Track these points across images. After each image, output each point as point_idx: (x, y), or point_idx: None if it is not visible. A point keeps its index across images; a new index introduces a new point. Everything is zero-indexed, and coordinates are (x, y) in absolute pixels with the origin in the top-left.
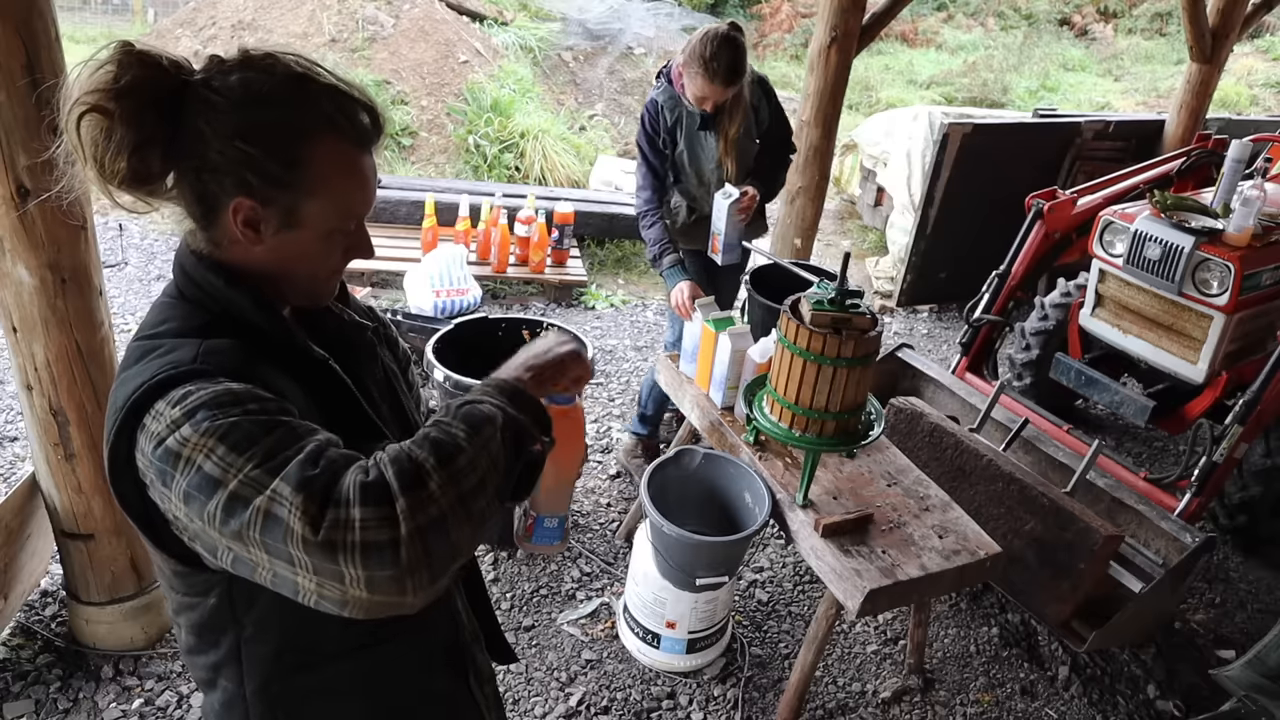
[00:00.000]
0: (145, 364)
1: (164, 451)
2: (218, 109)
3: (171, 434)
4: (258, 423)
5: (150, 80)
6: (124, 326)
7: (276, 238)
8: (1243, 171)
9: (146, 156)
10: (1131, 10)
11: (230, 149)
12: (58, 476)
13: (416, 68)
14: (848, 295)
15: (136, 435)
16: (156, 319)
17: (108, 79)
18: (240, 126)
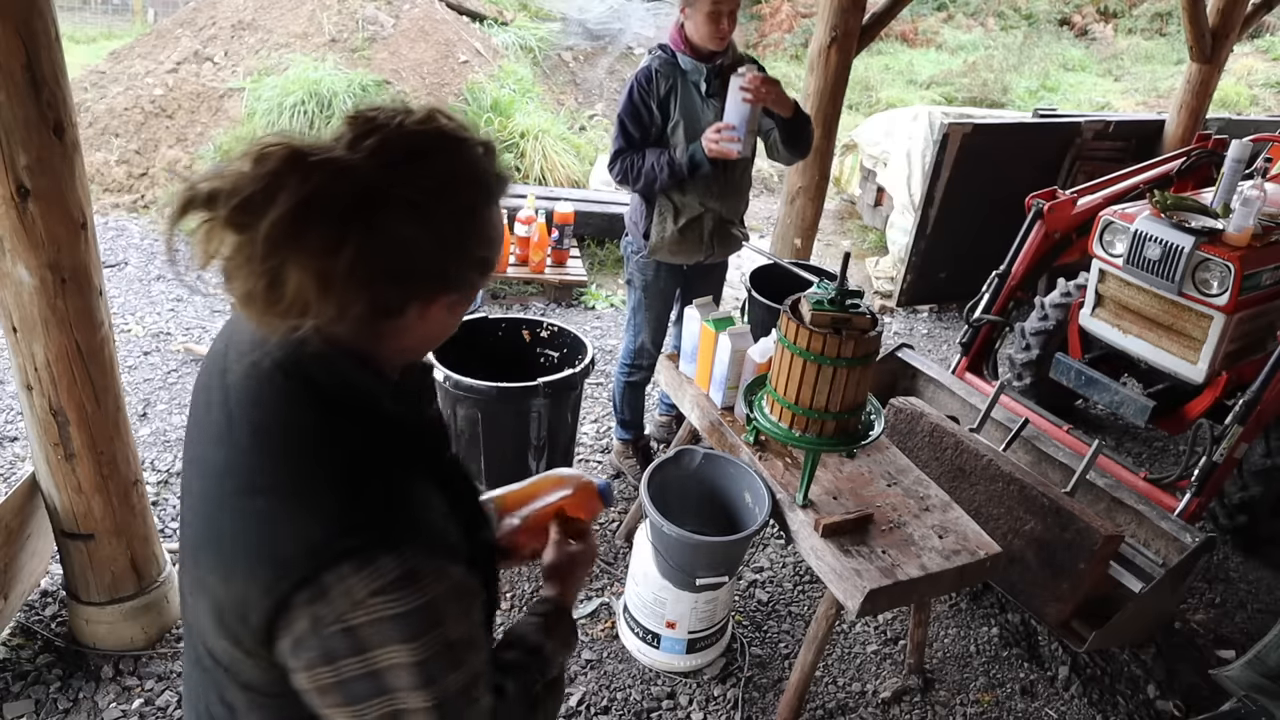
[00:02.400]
0: (321, 497)
1: (340, 636)
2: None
3: (362, 629)
4: (457, 667)
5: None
6: (124, 326)
7: (440, 315)
8: (1243, 171)
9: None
10: (1131, 10)
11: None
12: (58, 476)
13: (416, 68)
14: (848, 295)
15: (309, 591)
16: (288, 421)
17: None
18: (441, 224)
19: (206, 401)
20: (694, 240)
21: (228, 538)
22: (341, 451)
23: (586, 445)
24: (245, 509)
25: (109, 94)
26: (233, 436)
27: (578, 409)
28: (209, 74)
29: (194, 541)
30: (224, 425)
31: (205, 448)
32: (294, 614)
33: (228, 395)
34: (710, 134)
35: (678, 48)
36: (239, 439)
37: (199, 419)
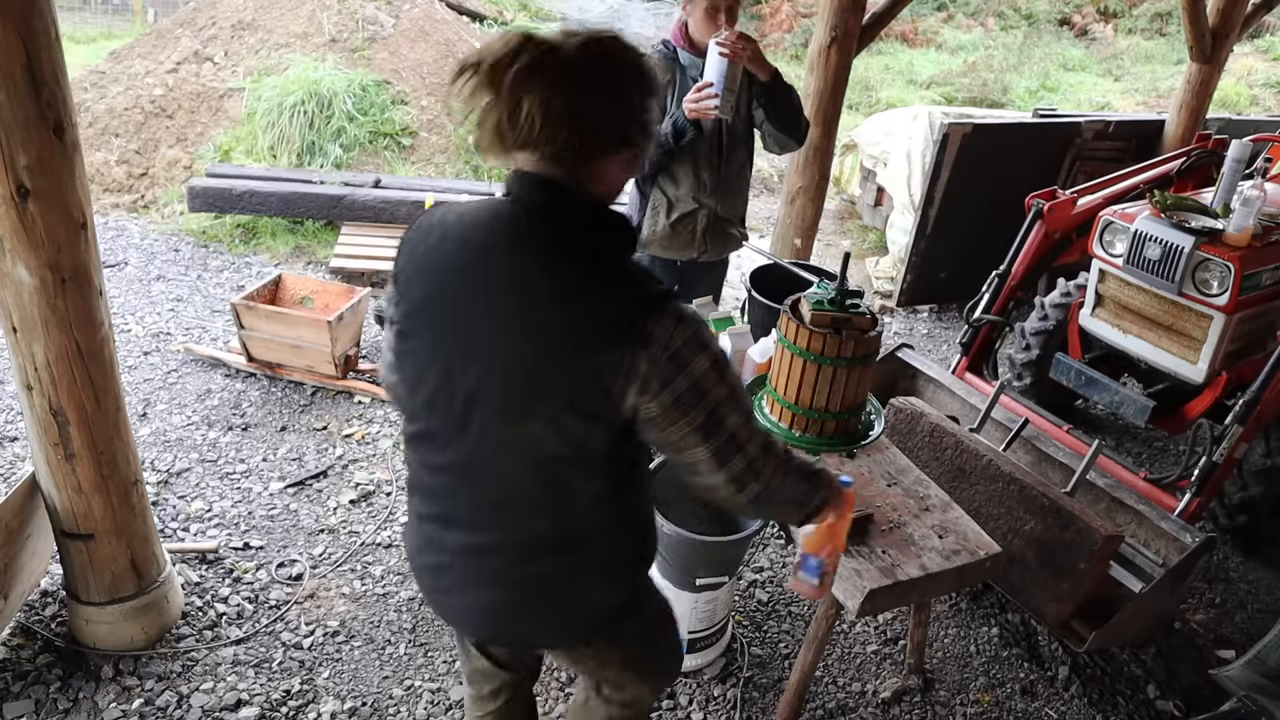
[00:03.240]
0: (622, 283)
1: (668, 362)
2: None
3: (683, 349)
4: (729, 367)
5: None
6: (124, 326)
7: (619, 168)
8: (1243, 171)
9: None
10: (1131, 10)
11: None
12: (58, 476)
13: (416, 68)
14: (848, 295)
15: (643, 339)
16: (566, 247)
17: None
18: (619, 97)
19: (462, 270)
20: (686, 236)
21: (575, 333)
22: (611, 254)
23: None
24: (575, 309)
25: (109, 94)
26: (523, 278)
27: None
28: (209, 74)
29: (514, 375)
30: (499, 274)
31: (482, 304)
32: (640, 360)
33: (491, 256)
34: (690, 95)
35: (679, 43)
36: (524, 276)
37: (458, 286)
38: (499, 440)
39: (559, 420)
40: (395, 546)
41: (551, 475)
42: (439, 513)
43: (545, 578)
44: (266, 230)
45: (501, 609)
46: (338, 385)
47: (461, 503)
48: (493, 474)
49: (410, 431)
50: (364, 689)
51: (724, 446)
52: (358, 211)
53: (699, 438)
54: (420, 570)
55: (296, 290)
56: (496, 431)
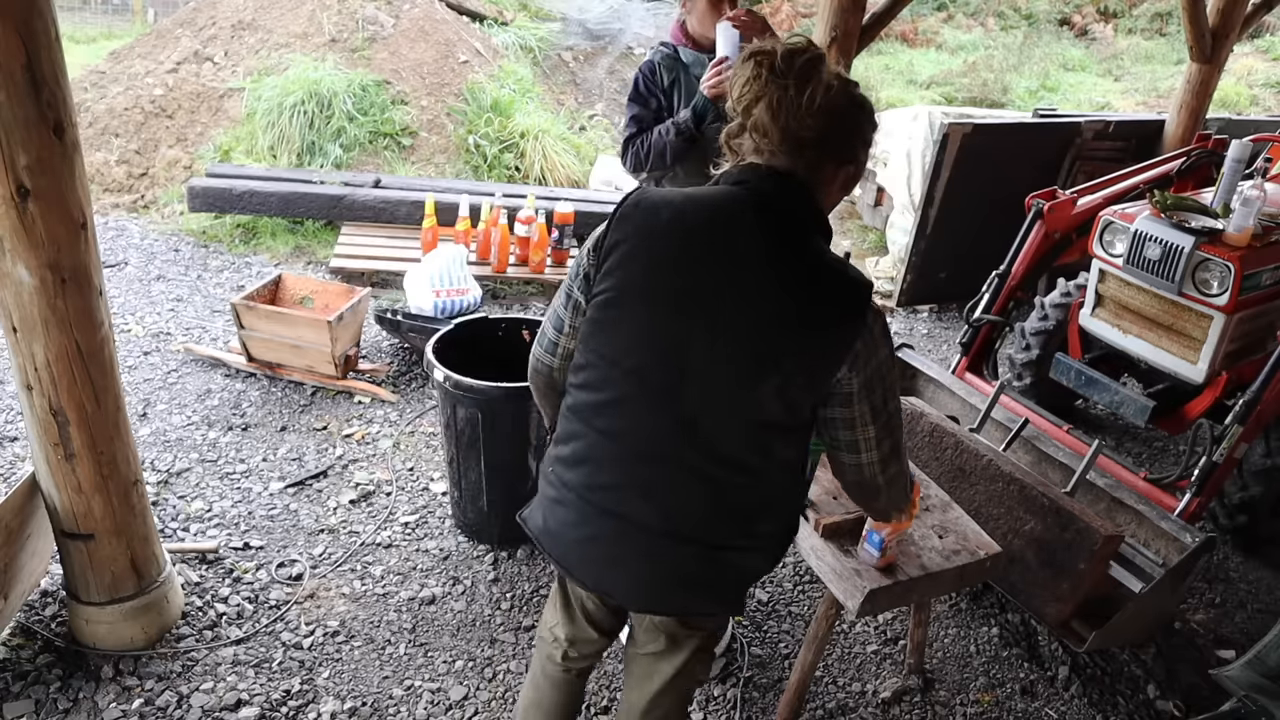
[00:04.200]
0: (848, 277)
1: (873, 344)
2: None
3: (881, 337)
4: (895, 361)
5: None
6: (124, 326)
7: (842, 181)
8: (1243, 171)
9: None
10: (1131, 10)
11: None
12: (58, 476)
13: (416, 68)
14: None
15: (862, 325)
16: (795, 242)
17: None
18: (844, 120)
19: (702, 244)
20: None
21: (805, 315)
22: (825, 249)
23: None
24: (817, 290)
25: (109, 94)
26: (765, 255)
27: None
28: (209, 74)
29: (747, 343)
30: (739, 253)
31: (708, 275)
32: (857, 341)
33: (732, 235)
34: (708, 74)
35: (679, 42)
36: (772, 255)
37: (695, 262)
38: (719, 405)
39: (787, 386)
40: (395, 546)
41: (763, 439)
42: (608, 482)
43: (706, 542)
44: (266, 230)
45: (683, 579)
46: (338, 385)
47: (637, 472)
48: (703, 440)
49: (593, 401)
50: (364, 689)
51: (885, 426)
52: (358, 211)
53: (872, 415)
54: (579, 542)
55: (296, 290)
56: (722, 397)
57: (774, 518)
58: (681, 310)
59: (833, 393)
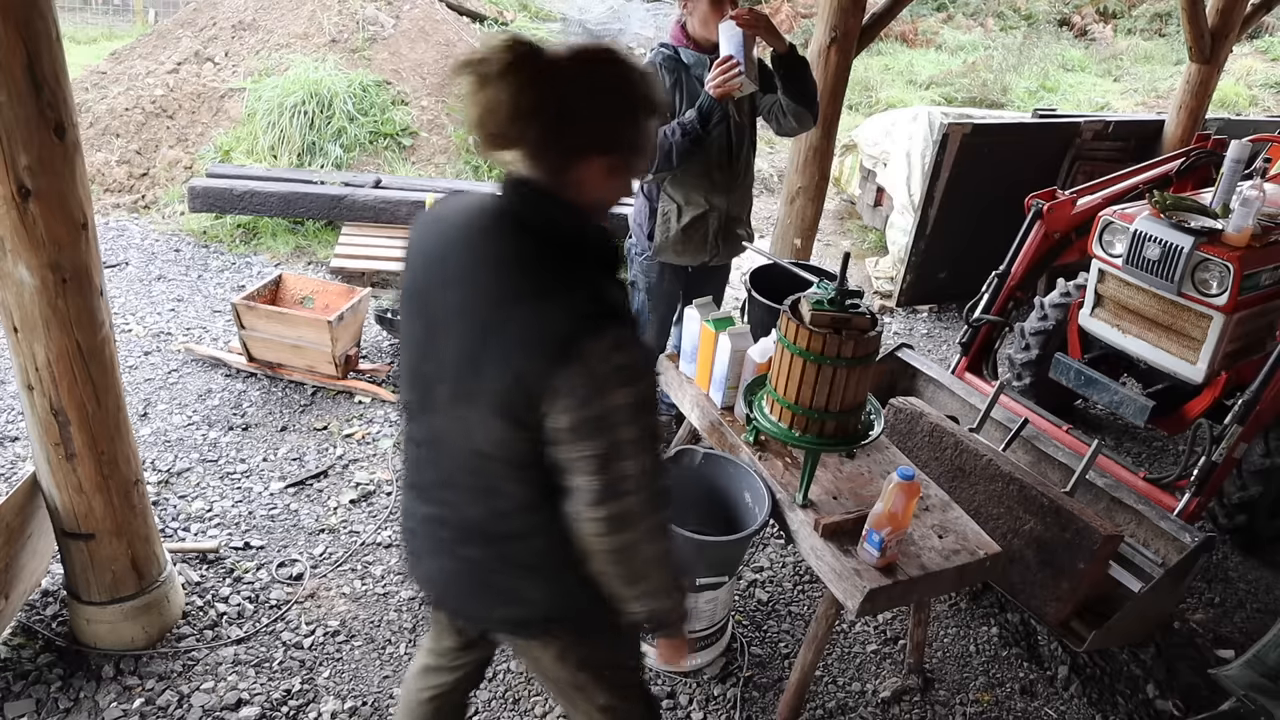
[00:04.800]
0: (570, 295)
1: (589, 383)
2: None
3: (609, 378)
4: (650, 414)
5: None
6: (124, 326)
7: (604, 174)
8: (1242, 171)
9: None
10: (1131, 11)
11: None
12: (58, 476)
13: (416, 68)
14: (847, 295)
15: (570, 355)
16: (522, 251)
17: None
18: (602, 102)
19: (442, 259)
20: (699, 240)
21: (501, 337)
22: (570, 266)
23: None
24: (515, 313)
25: (110, 94)
26: (484, 273)
27: None
28: (209, 74)
29: (459, 364)
30: (469, 268)
31: (448, 291)
32: (560, 375)
33: (468, 249)
34: (713, 73)
35: (679, 43)
36: (491, 273)
37: (439, 275)
38: (447, 422)
39: (487, 418)
40: (395, 546)
41: (481, 468)
42: (415, 482)
43: (479, 561)
44: (267, 230)
45: (450, 580)
46: (338, 385)
47: (426, 476)
48: (444, 452)
49: (402, 404)
50: (364, 689)
51: (610, 485)
52: (358, 211)
53: (591, 467)
54: (401, 534)
55: (297, 290)
56: (447, 414)
57: (526, 551)
58: (435, 324)
59: (547, 429)
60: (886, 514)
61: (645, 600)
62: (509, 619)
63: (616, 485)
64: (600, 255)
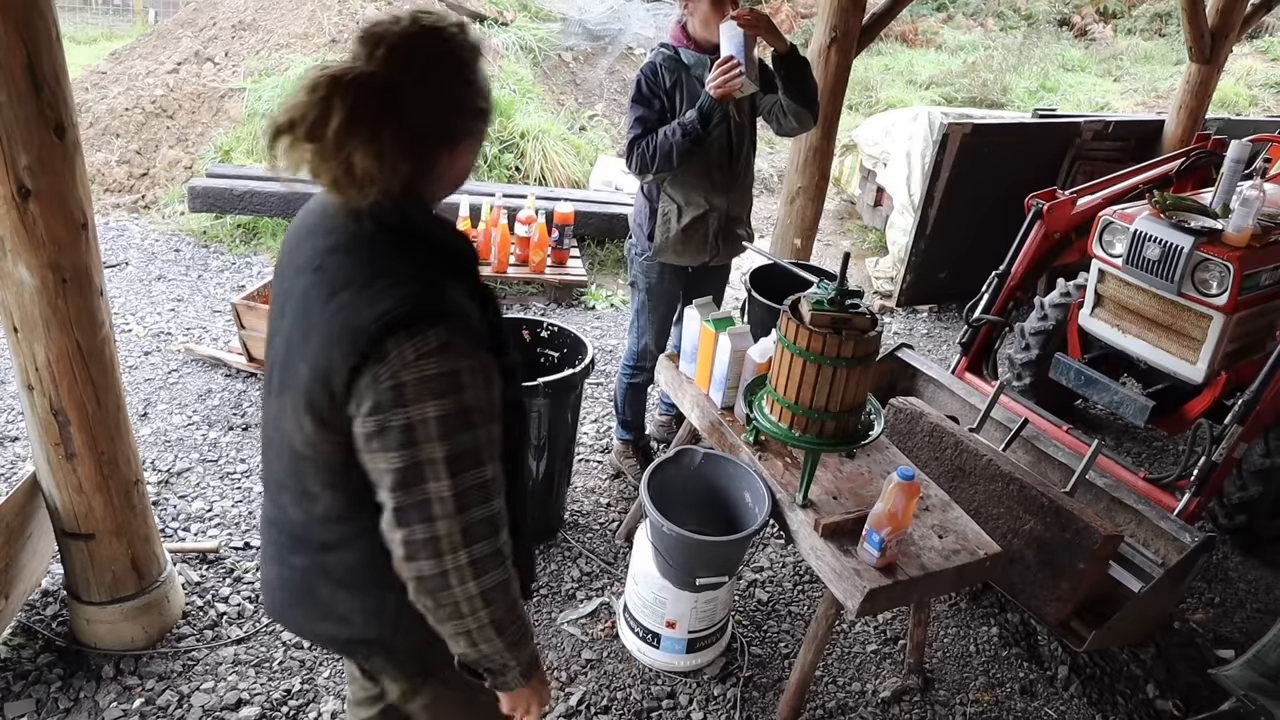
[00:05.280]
0: (384, 288)
1: (390, 390)
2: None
3: (414, 385)
4: (471, 432)
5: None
6: (124, 326)
7: (462, 156)
8: (1242, 171)
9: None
10: (1131, 11)
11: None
12: (58, 476)
13: None
14: (847, 295)
15: (374, 354)
16: (359, 241)
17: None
18: (443, 91)
19: (296, 247)
20: (699, 240)
21: (317, 329)
22: (401, 259)
23: (586, 445)
24: (330, 305)
25: (110, 94)
26: (319, 261)
27: (578, 409)
28: (209, 74)
29: (284, 356)
30: (310, 255)
31: (296, 278)
32: (363, 373)
33: (314, 238)
34: (714, 74)
35: (679, 43)
36: (324, 261)
37: (294, 262)
38: (274, 416)
39: (299, 414)
40: None
41: (297, 469)
42: (263, 479)
43: (303, 569)
44: (267, 230)
45: (280, 588)
46: None
47: (266, 473)
48: (272, 449)
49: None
50: None
51: (412, 507)
52: None
53: (390, 482)
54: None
55: None
56: (274, 407)
57: (339, 564)
58: (277, 317)
59: (354, 432)
60: (886, 514)
61: (462, 642)
62: (329, 636)
63: (420, 508)
64: (449, 252)
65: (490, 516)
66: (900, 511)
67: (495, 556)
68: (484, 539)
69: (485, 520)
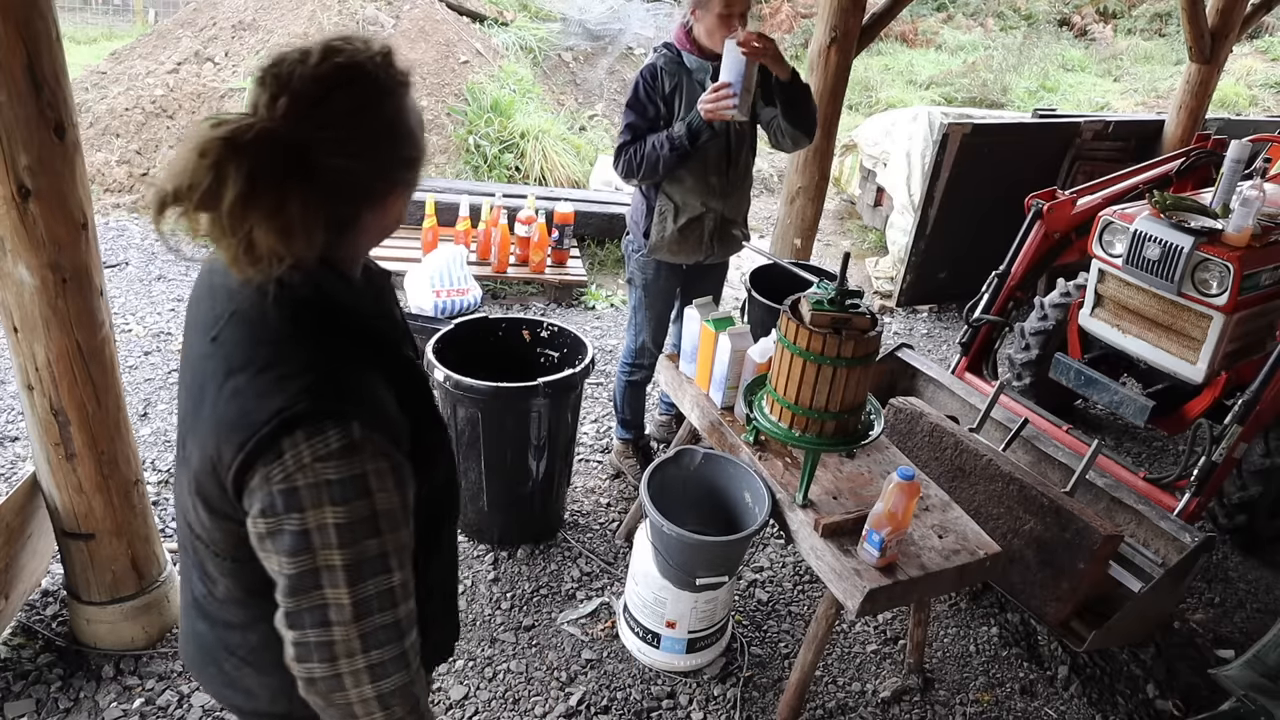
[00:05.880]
0: (282, 377)
1: (284, 493)
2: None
3: (310, 490)
4: (376, 538)
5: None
6: (124, 327)
7: (391, 209)
8: (1242, 171)
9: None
10: (1131, 11)
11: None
12: (58, 476)
13: (416, 68)
14: (847, 295)
15: (267, 453)
16: (263, 314)
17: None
18: (363, 145)
19: (196, 299)
20: (694, 240)
21: (208, 410)
22: (306, 340)
23: (586, 445)
24: (225, 388)
25: (110, 94)
26: (216, 330)
27: (578, 409)
28: (210, 74)
29: (181, 426)
30: (210, 318)
31: (197, 341)
32: (254, 472)
33: (215, 297)
34: (706, 95)
35: (683, 46)
36: (222, 332)
37: (195, 319)
38: (179, 483)
39: (192, 496)
40: None
41: (192, 545)
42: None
43: (206, 636)
44: None
45: (189, 647)
46: None
47: (177, 530)
48: (180, 516)
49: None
50: None
51: (307, 611)
52: None
53: (283, 585)
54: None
55: None
56: (176, 479)
57: (241, 644)
58: (182, 372)
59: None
60: (886, 514)
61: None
62: (235, 705)
63: (315, 613)
64: (364, 329)
65: (395, 622)
66: (900, 511)
67: (398, 660)
68: (385, 644)
69: (388, 626)
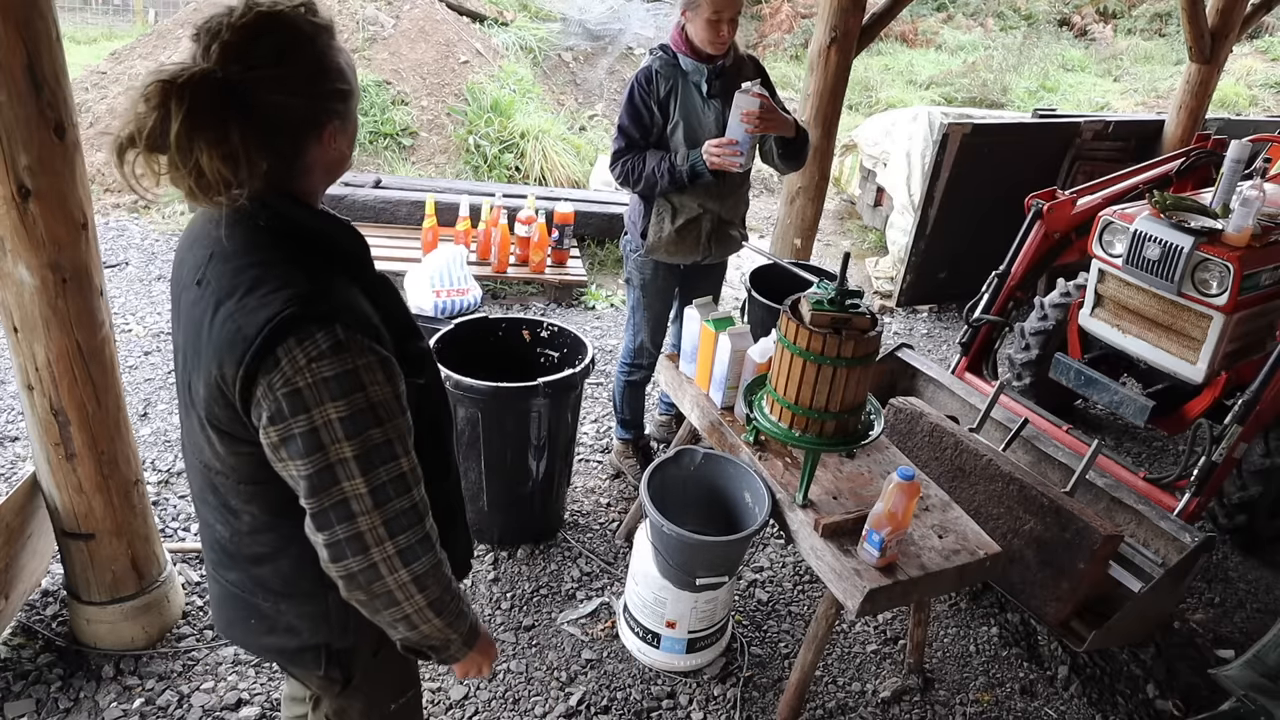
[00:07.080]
0: (266, 294)
1: (288, 396)
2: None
3: (311, 389)
4: (379, 425)
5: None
6: (124, 326)
7: (332, 143)
8: (1242, 171)
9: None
10: (1131, 11)
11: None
12: (58, 476)
13: (417, 68)
14: (847, 295)
15: (265, 363)
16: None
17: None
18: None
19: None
20: (691, 241)
21: (206, 344)
22: (280, 261)
23: (586, 445)
24: (216, 318)
25: (110, 94)
26: (200, 273)
27: (578, 409)
28: None
29: (183, 373)
30: (193, 268)
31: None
32: (257, 384)
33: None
34: (712, 147)
35: (679, 49)
36: (205, 273)
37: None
38: (185, 435)
39: (206, 430)
40: None
41: (213, 484)
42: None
43: (239, 584)
44: None
45: (221, 605)
46: None
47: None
48: (190, 467)
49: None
50: None
51: (331, 509)
52: (358, 211)
53: (305, 488)
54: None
55: None
56: (184, 425)
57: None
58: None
59: (261, 442)
60: (886, 514)
61: (401, 627)
62: (278, 648)
63: (339, 508)
64: (331, 246)
65: (413, 506)
66: (900, 511)
67: (423, 542)
68: (409, 528)
69: (407, 510)
